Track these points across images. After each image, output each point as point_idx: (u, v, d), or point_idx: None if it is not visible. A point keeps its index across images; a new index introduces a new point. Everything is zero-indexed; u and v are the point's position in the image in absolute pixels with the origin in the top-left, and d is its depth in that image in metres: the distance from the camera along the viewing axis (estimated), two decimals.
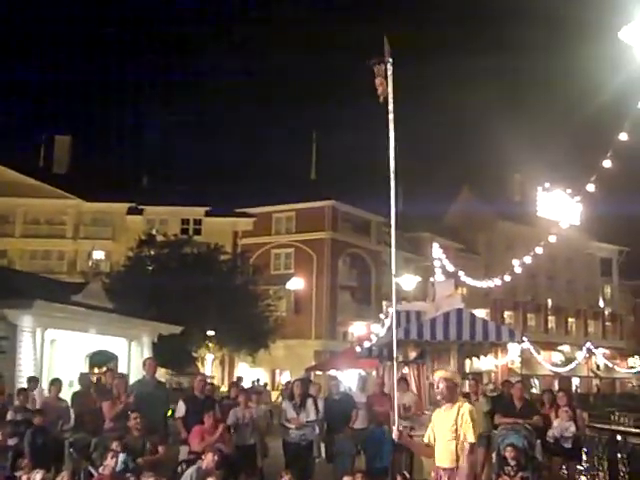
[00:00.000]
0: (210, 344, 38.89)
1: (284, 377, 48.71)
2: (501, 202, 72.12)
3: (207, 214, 55.87)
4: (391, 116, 7.72)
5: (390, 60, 7.87)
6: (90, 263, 52.44)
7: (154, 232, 43.16)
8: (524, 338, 51.25)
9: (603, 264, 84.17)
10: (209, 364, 40.93)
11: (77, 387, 15.40)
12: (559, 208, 65.28)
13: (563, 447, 11.89)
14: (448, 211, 74.92)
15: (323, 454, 14.82)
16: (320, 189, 54.37)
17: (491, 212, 70.55)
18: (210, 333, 37.46)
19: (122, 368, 22.89)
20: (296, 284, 52.47)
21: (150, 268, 39.04)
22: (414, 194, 67.42)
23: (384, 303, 41.07)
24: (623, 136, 10.92)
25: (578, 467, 13.74)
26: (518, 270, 17.14)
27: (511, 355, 61.59)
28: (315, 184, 57.07)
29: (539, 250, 15.63)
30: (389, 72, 7.98)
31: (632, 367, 79.84)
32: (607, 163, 11.96)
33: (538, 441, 12.33)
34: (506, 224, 70.39)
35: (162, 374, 26.53)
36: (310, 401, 13.37)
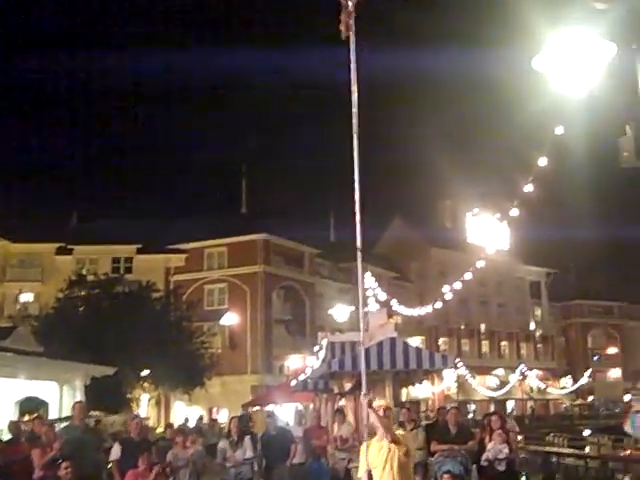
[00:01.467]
0: (145, 384, 38.20)
1: (221, 414, 48.09)
2: (432, 229, 73.11)
3: (138, 251, 55.19)
4: (353, 57, 7.59)
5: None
6: (18, 306, 51.08)
7: (84, 272, 42.32)
8: (459, 364, 51.96)
9: (532, 287, 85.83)
10: (144, 405, 40.18)
11: (7, 436, 14.90)
12: (488, 233, 66.43)
13: (497, 470, 11.97)
14: (381, 240, 75.52)
15: None
16: (251, 222, 54.28)
17: (423, 239, 71.41)
18: (145, 373, 36.81)
19: (53, 414, 22.25)
20: (230, 319, 52.06)
21: (81, 309, 38.25)
22: (347, 224, 67.73)
23: (319, 335, 40.96)
24: (542, 161, 11.21)
25: None
26: (449, 296, 17.35)
27: (447, 381, 62.16)
28: (246, 217, 56.97)
29: (468, 276, 15.85)
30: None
31: (564, 387, 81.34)
32: (529, 188, 12.26)
33: (474, 466, 12.40)
34: (438, 251, 71.27)
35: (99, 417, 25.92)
36: (247, 438, 13.23)
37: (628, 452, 21.87)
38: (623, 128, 7.11)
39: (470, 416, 59.85)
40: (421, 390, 51.46)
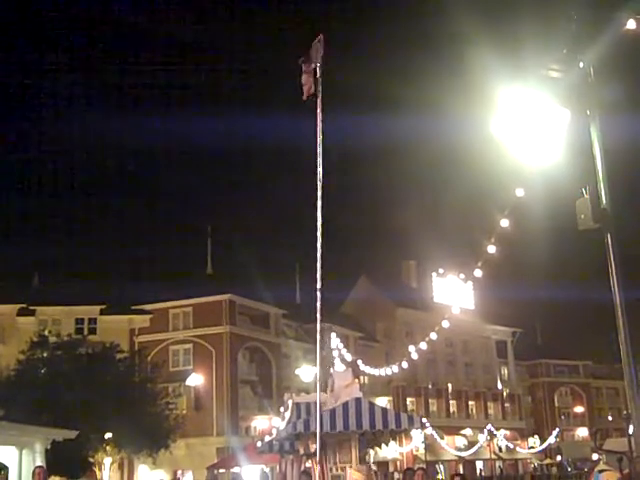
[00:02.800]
0: (108, 447, 37.47)
1: (186, 477, 47.25)
2: (398, 289, 73.39)
3: (102, 312, 54.57)
4: (319, 118, 7.80)
5: (319, 62, 7.97)
6: None
7: (47, 333, 41.73)
8: (426, 424, 51.58)
9: (499, 346, 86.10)
10: (107, 469, 39.33)
11: None
12: (453, 293, 66.91)
13: None
14: (347, 299, 75.55)
15: None
16: (217, 283, 54.10)
17: (389, 299, 71.57)
18: (108, 436, 36.14)
19: (13, 479, 21.73)
20: (195, 380, 51.51)
21: (42, 371, 37.62)
22: (311, 285, 67.79)
23: (285, 396, 40.64)
24: (504, 223, 11.41)
25: None
26: (415, 356, 17.39)
27: (415, 442, 61.65)
28: (212, 278, 56.78)
29: (434, 336, 15.93)
30: (318, 73, 8.06)
31: (532, 447, 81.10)
32: (491, 249, 12.43)
33: None
34: (404, 311, 71.43)
35: None
36: None
37: None
38: (580, 191, 7.30)
39: (440, 477, 59.34)
40: (389, 451, 50.94)
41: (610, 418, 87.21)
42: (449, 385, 75.93)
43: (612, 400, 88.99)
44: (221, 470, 38.70)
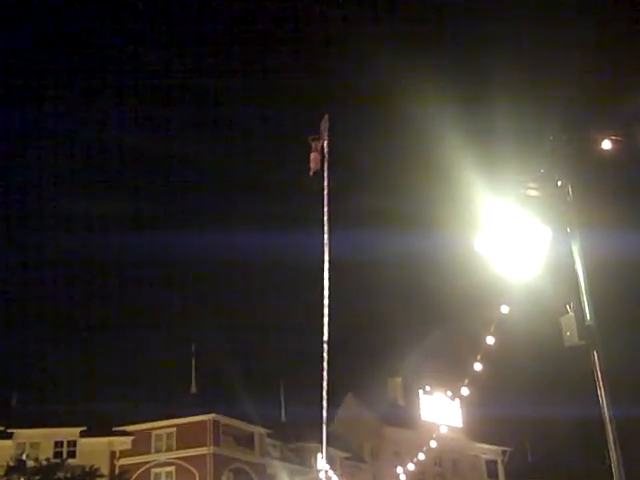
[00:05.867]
0: None
1: None
2: (385, 407, 72.38)
3: (82, 434, 53.20)
4: (326, 191, 7.87)
5: (326, 138, 8.16)
6: None
7: (24, 457, 40.72)
8: None
9: (489, 466, 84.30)
10: None
11: None
12: (441, 411, 66.01)
13: None
14: (333, 418, 74.27)
15: None
16: (201, 402, 53.23)
17: (375, 417, 70.47)
18: None
19: None
20: None
21: None
22: (297, 403, 66.93)
23: None
24: (490, 340, 11.39)
25: None
26: (402, 478, 17.00)
27: None
28: (195, 397, 55.90)
29: (422, 457, 15.63)
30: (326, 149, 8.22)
31: None
32: (477, 366, 12.37)
33: None
34: (391, 429, 70.19)
35: None
36: None
37: None
38: (564, 308, 7.32)
39: None
40: None
41: None
42: None
43: None
44: None
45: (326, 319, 7.60)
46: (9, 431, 52.16)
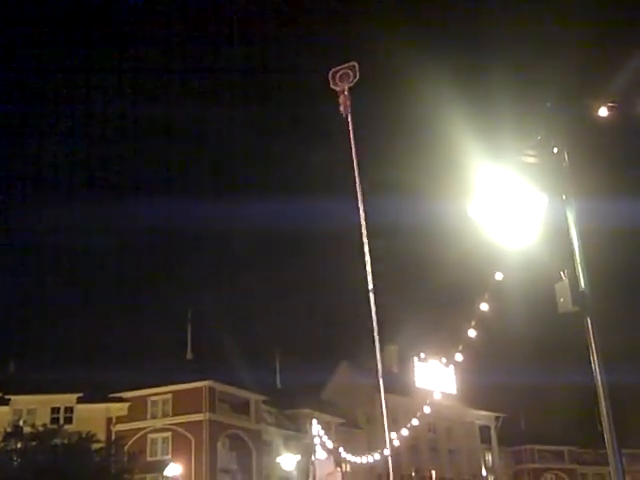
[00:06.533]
0: None
1: None
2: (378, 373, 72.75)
3: (79, 401, 53.53)
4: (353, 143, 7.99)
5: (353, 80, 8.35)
6: None
7: (21, 423, 40.94)
8: None
9: (482, 432, 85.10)
10: None
11: None
12: (435, 378, 66.38)
13: None
14: (327, 385, 74.80)
15: None
16: (197, 368, 53.47)
17: (370, 385, 70.87)
18: None
19: None
20: (174, 470, 50.21)
21: (16, 462, 36.76)
22: (292, 370, 67.27)
23: None
24: (484, 306, 11.43)
25: None
26: (397, 443, 17.12)
27: None
28: (191, 364, 56.13)
29: (415, 422, 15.73)
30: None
31: None
32: (472, 333, 12.44)
33: None
34: (386, 396, 70.57)
35: None
36: None
37: None
38: (559, 275, 7.33)
39: None
40: None
41: None
42: (433, 472, 74.60)
43: None
44: None
45: (369, 267, 7.76)
46: (6, 397, 52.49)
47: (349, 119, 8.10)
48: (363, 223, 8.08)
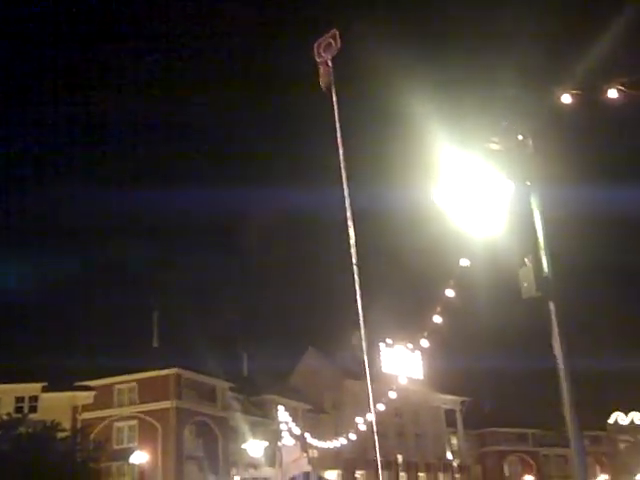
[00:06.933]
0: None
1: None
2: (345, 360, 73.07)
3: (44, 390, 53.07)
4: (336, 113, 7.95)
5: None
6: None
7: None
8: None
9: (448, 415, 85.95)
10: None
11: None
12: (401, 363, 66.82)
13: None
14: (294, 372, 75.01)
15: None
16: (163, 356, 53.26)
17: (336, 370, 71.21)
18: None
19: None
20: (140, 458, 50.06)
21: None
22: (259, 357, 67.28)
23: (232, 471, 39.91)
24: (450, 292, 11.51)
25: None
26: (363, 428, 17.23)
27: None
28: (157, 351, 55.91)
29: (381, 407, 15.84)
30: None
31: None
32: (437, 318, 12.52)
33: None
34: (352, 382, 70.95)
35: None
36: None
37: None
38: (522, 260, 7.40)
39: None
40: None
41: None
42: (399, 456, 75.18)
43: (561, 468, 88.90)
44: None
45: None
46: None
47: (332, 92, 8.03)
48: (347, 201, 8.04)
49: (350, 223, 8.40)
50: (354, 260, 8.51)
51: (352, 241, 8.63)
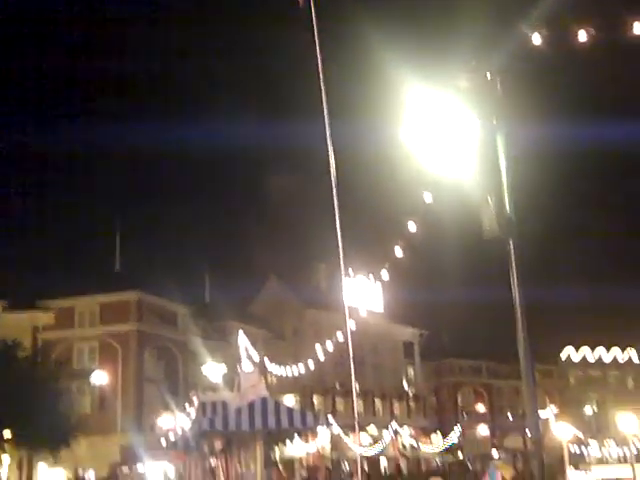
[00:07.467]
0: (6, 445, 36.54)
1: (88, 476, 46.36)
2: (308, 290, 73.72)
3: (4, 309, 52.94)
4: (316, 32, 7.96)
5: None
6: None
7: None
8: (331, 422, 52.11)
9: (406, 347, 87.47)
10: (5, 467, 38.33)
11: None
12: (362, 295, 67.50)
13: None
14: (256, 299, 75.58)
15: None
16: (125, 280, 53.29)
17: (298, 300, 71.86)
18: (7, 434, 35.24)
19: None
20: (100, 378, 50.46)
21: None
22: (221, 284, 67.51)
23: (191, 393, 40.40)
24: (412, 227, 11.66)
25: None
26: (321, 356, 17.55)
27: (321, 440, 62.05)
28: (120, 275, 55.88)
29: (340, 336, 16.10)
30: None
31: (435, 445, 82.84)
32: (399, 252, 12.69)
33: None
34: (313, 311, 71.76)
35: None
36: None
37: None
38: (485, 199, 7.50)
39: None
40: (295, 449, 51.16)
41: (510, 417, 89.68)
42: (356, 385, 76.50)
43: (512, 399, 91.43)
44: (124, 467, 38.22)
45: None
46: None
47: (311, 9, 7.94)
48: (328, 131, 8.01)
49: (332, 162, 8.37)
50: (335, 202, 8.51)
51: (333, 178, 8.63)
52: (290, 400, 61.49)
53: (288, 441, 18.24)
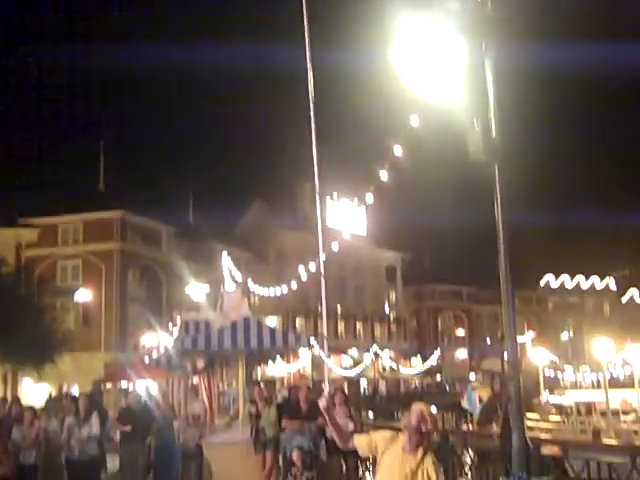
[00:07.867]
0: None
1: (73, 391, 46.96)
2: (292, 213, 73.72)
3: None
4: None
5: None
6: None
7: None
8: (313, 343, 52.93)
9: (388, 271, 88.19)
10: None
11: None
12: (346, 218, 67.70)
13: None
14: (241, 221, 75.63)
15: (117, 466, 14.67)
16: (109, 199, 53.07)
17: (282, 223, 71.94)
18: None
19: None
20: (84, 296, 50.67)
21: None
22: (205, 206, 67.42)
23: (174, 313, 40.74)
24: (398, 150, 11.59)
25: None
26: (304, 277, 17.64)
27: (303, 361, 63.06)
28: (103, 194, 55.62)
29: (323, 257, 16.11)
30: None
31: (414, 367, 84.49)
32: (383, 175, 12.63)
33: (323, 441, 12.79)
34: (297, 234, 71.93)
35: None
36: (95, 415, 13.02)
37: (468, 427, 23.04)
38: (471, 122, 7.45)
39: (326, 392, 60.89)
40: (277, 369, 51.98)
41: (488, 341, 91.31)
42: (338, 307, 77.45)
43: (491, 325, 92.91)
44: (107, 384, 38.73)
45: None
46: None
47: None
48: (308, 57, 7.87)
49: (310, 75, 8.26)
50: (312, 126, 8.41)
51: (311, 101, 8.51)
52: (273, 322, 62.10)
53: (270, 361, 18.49)
